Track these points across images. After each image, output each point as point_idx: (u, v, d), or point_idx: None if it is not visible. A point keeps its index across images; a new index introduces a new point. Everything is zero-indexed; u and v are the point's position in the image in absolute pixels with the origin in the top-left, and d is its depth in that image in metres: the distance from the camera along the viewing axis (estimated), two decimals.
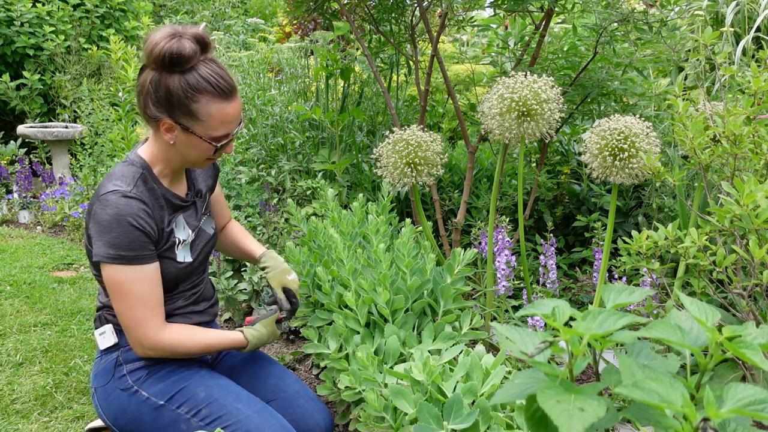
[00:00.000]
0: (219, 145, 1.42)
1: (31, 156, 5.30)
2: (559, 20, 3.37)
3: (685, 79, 3.46)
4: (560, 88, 1.82)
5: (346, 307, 1.79)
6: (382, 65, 3.33)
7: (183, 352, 1.47)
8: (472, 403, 1.25)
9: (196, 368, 1.52)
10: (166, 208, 1.48)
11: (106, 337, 1.50)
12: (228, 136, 1.43)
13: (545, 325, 1.97)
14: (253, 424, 1.40)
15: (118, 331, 1.50)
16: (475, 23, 2.81)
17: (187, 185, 1.58)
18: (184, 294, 1.55)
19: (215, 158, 1.48)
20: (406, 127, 1.92)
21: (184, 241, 1.52)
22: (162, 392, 1.45)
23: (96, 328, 1.53)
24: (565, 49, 2.52)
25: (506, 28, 2.94)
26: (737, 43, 3.25)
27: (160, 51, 1.32)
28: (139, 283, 1.39)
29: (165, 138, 1.41)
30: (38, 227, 4.16)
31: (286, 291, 1.68)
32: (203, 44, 1.37)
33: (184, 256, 1.51)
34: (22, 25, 5.41)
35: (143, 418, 1.45)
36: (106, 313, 1.52)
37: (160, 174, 1.48)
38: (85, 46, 5.70)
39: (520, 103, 1.74)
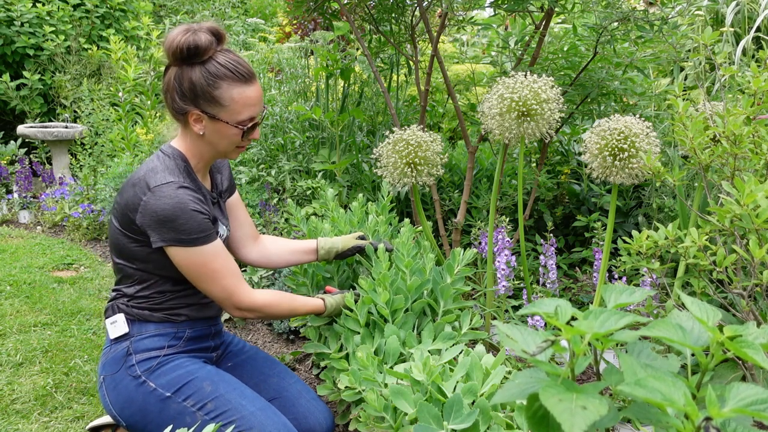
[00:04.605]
0: (245, 128, 1.48)
1: (31, 156, 5.30)
2: (559, 20, 3.37)
3: (685, 79, 3.46)
4: (560, 88, 1.82)
5: (346, 307, 1.79)
6: (382, 65, 3.33)
7: (274, 313, 1.60)
8: (472, 403, 1.25)
9: (202, 363, 1.54)
10: (206, 200, 1.53)
11: (117, 326, 1.52)
12: (253, 119, 1.49)
13: (545, 325, 1.97)
14: (257, 420, 1.42)
15: (130, 320, 1.52)
16: (475, 23, 2.81)
17: (211, 185, 1.64)
18: (195, 288, 1.56)
19: (244, 145, 1.54)
20: (406, 127, 1.92)
21: (222, 236, 1.58)
22: (169, 384, 1.46)
23: (107, 317, 1.54)
24: (565, 49, 2.52)
25: (506, 28, 2.94)
26: (737, 43, 3.25)
27: (177, 45, 1.40)
28: (219, 257, 1.48)
29: (195, 130, 1.48)
30: (38, 227, 4.16)
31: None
32: (218, 36, 1.45)
33: None
34: (22, 25, 5.40)
35: (149, 409, 1.46)
36: (119, 303, 1.54)
37: (195, 168, 1.54)
38: (85, 46, 5.70)
39: (520, 103, 1.74)
